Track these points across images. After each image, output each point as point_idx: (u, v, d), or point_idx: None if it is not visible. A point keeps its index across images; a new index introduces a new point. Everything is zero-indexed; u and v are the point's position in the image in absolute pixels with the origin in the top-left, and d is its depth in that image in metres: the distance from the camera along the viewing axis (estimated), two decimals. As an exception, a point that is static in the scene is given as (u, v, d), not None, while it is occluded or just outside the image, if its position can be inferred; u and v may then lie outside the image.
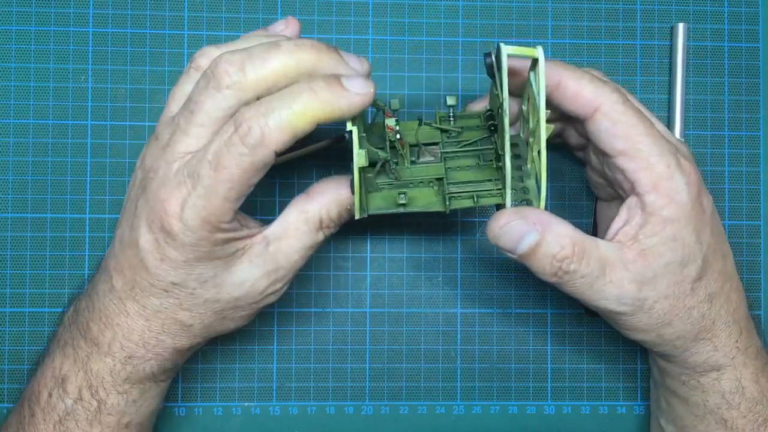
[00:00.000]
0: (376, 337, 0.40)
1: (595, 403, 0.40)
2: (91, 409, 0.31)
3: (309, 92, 0.27)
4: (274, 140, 0.27)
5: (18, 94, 0.39)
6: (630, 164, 0.30)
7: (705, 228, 0.31)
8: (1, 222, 0.39)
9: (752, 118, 0.41)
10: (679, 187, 0.30)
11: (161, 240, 0.28)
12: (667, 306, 0.31)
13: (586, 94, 0.30)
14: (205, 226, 0.28)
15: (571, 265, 0.29)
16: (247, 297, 0.31)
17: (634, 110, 0.30)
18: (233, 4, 0.40)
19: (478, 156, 0.33)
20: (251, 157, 0.27)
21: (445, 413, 0.40)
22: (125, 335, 0.30)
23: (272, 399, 0.40)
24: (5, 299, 0.39)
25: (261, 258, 0.30)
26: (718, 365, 0.33)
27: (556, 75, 0.30)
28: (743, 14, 0.41)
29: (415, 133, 0.33)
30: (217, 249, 0.29)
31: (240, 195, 0.28)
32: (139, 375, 0.31)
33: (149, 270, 0.29)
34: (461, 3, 0.40)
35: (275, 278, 0.31)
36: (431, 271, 0.40)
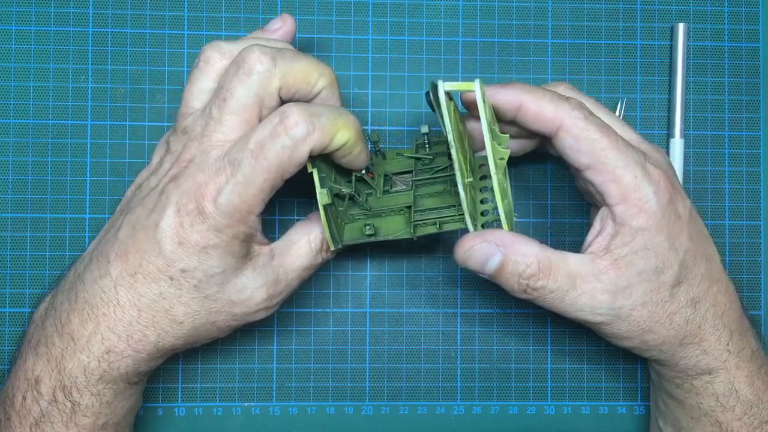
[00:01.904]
0: (376, 337, 0.40)
1: (595, 403, 0.40)
2: (66, 410, 0.30)
3: (350, 118, 0.30)
4: (316, 139, 0.29)
5: (18, 94, 0.39)
6: (597, 177, 0.30)
7: (680, 233, 0.31)
8: (1, 222, 0.39)
9: (752, 118, 0.41)
10: (647, 196, 0.30)
11: (186, 223, 0.29)
12: (645, 313, 0.31)
13: (547, 114, 0.30)
14: (236, 214, 0.29)
15: (539, 281, 0.31)
16: (242, 305, 0.31)
17: (596, 125, 0.30)
18: (233, 4, 0.40)
19: (447, 182, 0.34)
20: (292, 150, 0.28)
21: (445, 413, 0.40)
22: (110, 326, 0.30)
23: (272, 399, 0.40)
24: (5, 299, 0.39)
25: (264, 269, 0.31)
26: (709, 368, 0.33)
27: (516, 98, 0.31)
28: (743, 14, 0.41)
29: (386, 165, 0.35)
30: (236, 243, 0.29)
31: (272, 188, 0.29)
32: (113, 374, 0.30)
33: (163, 253, 0.29)
34: (461, 3, 0.40)
35: (272, 292, 0.32)
36: (431, 271, 0.40)
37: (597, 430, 0.40)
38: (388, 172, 0.35)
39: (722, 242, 0.41)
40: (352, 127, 0.30)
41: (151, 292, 0.30)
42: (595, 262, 0.31)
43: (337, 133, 0.29)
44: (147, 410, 0.39)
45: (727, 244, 0.41)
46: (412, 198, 0.33)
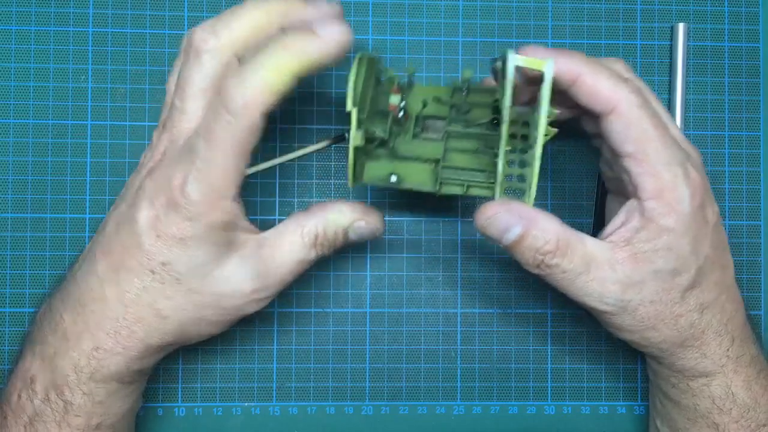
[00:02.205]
0: (376, 337, 0.40)
1: (595, 403, 0.40)
2: (58, 410, 0.30)
3: (281, 48, 0.27)
4: (256, 102, 0.27)
5: (18, 94, 0.39)
6: (636, 168, 0.29)
7: (704, 239, 0.30)
8: (1, 222, 0.39)
9: (752, 118, 0.41)
10: (682, 197, 0.29)
11: (162, 215, 0.29)
12: (652, 310, 0.31)
13: (604, 93, 0.29)
14: (206, 200, 0.28)
15: (554, 259, 0.30)
16: (230, 297, 0.30)
17: (650, 114, 0.29)
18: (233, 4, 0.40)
19: (481, 140, 0.32)
20: (238, 124, 0.27)
21: (445, 413, 0.40)
22: (97, 323, 0.30)
23: (272, 399, 0.40)
24: (5, 299, 0.39)
25: (252, 259, 0.30)
26: (706, 372, 0.32)
27: (574, 70, 0.29)
28: (743, 14, 0.41)
29: (422, 107, 0.33)
30: (215, 231, 0.29)
31: (237, 164, 0.28)
32: (104, 373, 0.30)
33: (143, 247, 0.29)
34: (461, 3, 0.40)
35: (261, 284, 0.31)
36: (431, 271, 0.40)
37: (597, 430, 0.40)
38: (420, 114, 0.32)
39: (722, 242, 0.41)
40: (290, 58, 0.27)
41: (135, 287, 0.29)
42: (614, 251, 0.30)
43: (275, 80, 0.27)
44: (147, 410, 0.39)
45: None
46: (442, 151, 0.32)
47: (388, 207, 0.40)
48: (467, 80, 0.32)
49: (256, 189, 0.40)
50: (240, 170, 0.29)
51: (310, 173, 0.40)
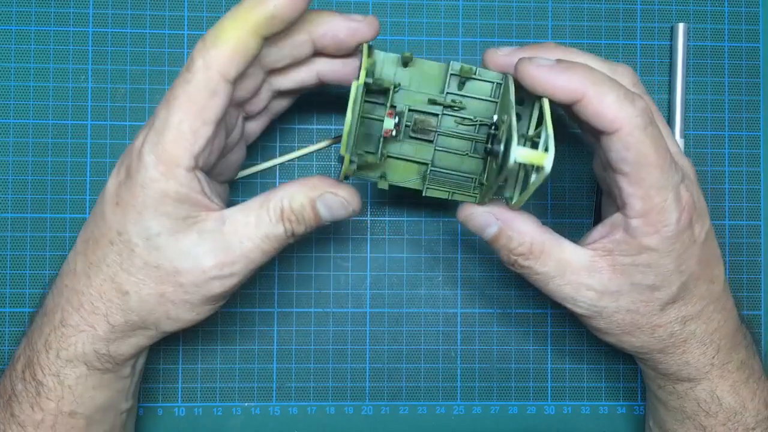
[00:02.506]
0: (376, 337, 0.40)
1: (595, 403, 0.40)
2: (31, 390, 0.30)
3: (236, 6, 0.27)
4: (215, 60, 0.27)
5: (18, 94, 0.39)
6: (628, 188, 0.29)
7: (690, 258, 0.30)
8: (1, 222, 0.39)
9: (752, 118, 0.41)
10: (668, 220, 0.29)
11: (123, 181, 0.28)
12: (629, 318, 0.31)
13: (608, 116, 0.27)
14: (159, 165, 0.27)
15: (527, 261, 0.30)
16: (189, 273, 0.29)
17: (653, 138, 0.28)
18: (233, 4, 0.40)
19: (471, 142, 0.32)
20: (195, 83, 0.27)
21: (445, 413, 0.40)
22: (67, 298, 0.30)
23: (272, 399, 0.40)
24: (5, 299, 0.39)
25: (212, 234, 0.29)
26: (690, 377, 0.32)
27: (579, 89, 0.27)
28: (743, 14, 0.41)
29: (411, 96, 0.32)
30: (168, 202, 0.28)
31: (194, 130, 0.27)
32: (69, 352, 0.30)
33: (105, 216, 0.29)
34: (461, 3, 0.40)
35: (223, 260, 0.29)
36: (431, 271, 0.40)
37: (597, 430, 0.40)
38: (411, 106, 0.32)
39: (722, 242, 0.41)
40: (245, 12, 0.27)
41: (97, 259, 0.29)
42: (593, 259, 0.30)
43: (234, 36, 0.27)
44: (147, 410, 0.39)
45: (727, 244, 0.41)
46: (431, 153, 0.32)
47: (388, 207, 0.40)
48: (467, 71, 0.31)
49: (256, 189, 0.40)
50: (199, 138, 0.27)
51: (310, 173, 0.40)
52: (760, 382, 0.33)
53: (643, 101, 0.28)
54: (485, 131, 0.32)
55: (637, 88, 0.31)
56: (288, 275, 0.40)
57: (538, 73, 0.28)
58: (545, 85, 0.28)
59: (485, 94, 0.32)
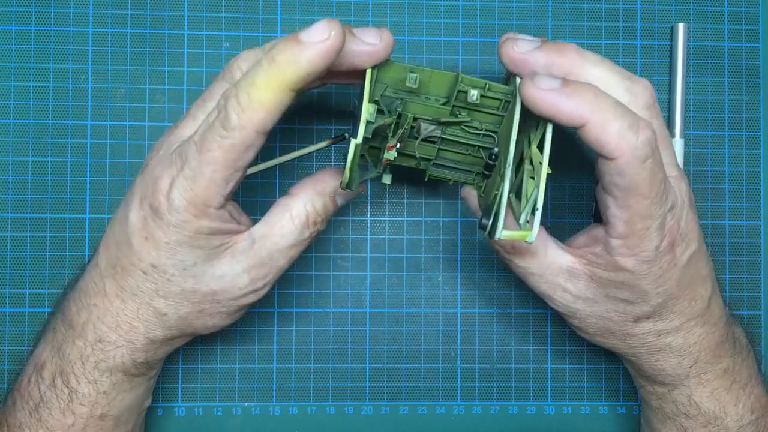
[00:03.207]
0: (376, 337, 0.40)
1: (595, 403, 0.40)
2: (63, 397, 0.30)
3: (268, 61, 0.26)
4: (251, 121, 0.26)
5: (18, 94, 0.39)
6: (614, 210, 0.28)
7: (668, 280, 0.30)
8: (1, 222, 0.39)
9: (752, 118, 0.41)
10: (647, 248, 0.28)
11: (149, 218, 0.28)
12: (601, 323, 0.31)
13: (608, 144, 0.26)
14: (191, 208, 0.27)
15: (508, 254, 0.32)
16: (225, 292, 0.30)
17: (649, 171, 0.27)
18: (233, 4, 0.40)
19: (474, 149, 0.32)
20: (231, 140, 0.27)
21: (445, 413, 0.40)
22: (99, 316, 0.30)
23: (272, 399, 0.40)
24: (5, 299, 0.39)
25: (244, 255, 0.30)
26: (666, 382, 0.32)
27: (583, 116, 0.26)
28: (743, 14, 0.41)
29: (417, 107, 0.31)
30: (201, 238, 0.28)
31: (226, 178, 0.27)
32: (109, 363, 0.30)
33: (133, 247, 0.29)
34: (461, 3, 0.40)
35: (257, 275, 0.30)
36: (431, 271, 0.40)
37: (597, 430, 0.40)
38: (418, 115, 0.31)
39: (722, 242, 0.41)
40: (278, 71, 0.26)
41: (130, 285, 0.29)
42: (573, 265, 0.31)
43: (267, 96, 0.26)
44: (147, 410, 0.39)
45: (727, 244, 0.41)
46: (435, 152, 0.32)
47: (387, 207, 0.40)
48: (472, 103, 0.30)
49: (256, 189, 0.40)
50: (231, 183, 0.28)
51: (310, 173, 0.40)
52: (747, 389, 0.33)
53: (648, 131, 0.27)
54: (490, 140, 0.32)
55: (652, 109, 0.30)
56: (288, 275, 0.40)
57: (542, 96, 0.26)
58: (549, 110, 0.26)
59: (493, 108, 0.31)
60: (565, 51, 0.29)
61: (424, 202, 0.40)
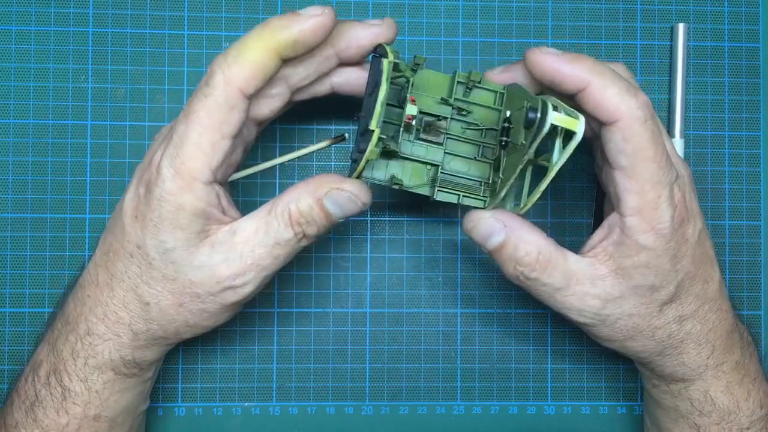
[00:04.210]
0: (376, 337, 0.40)
1: (595, 403, 0.40)
2: (57, 396, 0.30)
3: (261, 26, 0.28)
4: (234, 76, 0.27)
5: (18, 94, 0.39)
6: (624, 183, 0.29)
7: (684, 256, 0.30)
8: (1, 222, 0.39)
9: (752, 118, 0.41)
10: (663, 218, 0.29)
11: (142, 195, 0.29)
12: (630, 323, 0.31)
13: (609, 106, 0.28)
14: (177, 179, 0.28)
15: (533, 273, 0.30)
16: (203, 284, 0.29)
17: (651, 132, 0.28)
18: (233, 4, 0.40)
19: (479, 148, 0.33)
20: (214, 98, 0.27)
21: (445, 413, 0.40)
22: (91, 308, 0.30)
23: (272, 399, 0.40)
24: (5, 299, 0.39)
25: (223, 246, 0.29)
26: (685, 377, 0.33)
27: (584, 79, 0.28)
28: (743, 14, 0.41)
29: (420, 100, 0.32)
30: (183, 215, 0.28)
31: (213, 144, 0.28)
32: (98, 360, 0.30)
33: (124, 229, 0.29)
34: (461, 3, 0.40)
35: (236, 270, 0.29)
36: (431, 271, 0.40)
37: (597, 430, 0.40)
38: (422, 109, 0.32)
39: (722, 242, 0.41)
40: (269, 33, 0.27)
41: (119, 271, 0.30)
42: (595, 267, 0.30)
43: (255, 55, 0.27)
44: (147, 410, 0.39)
45: (727, 244, 0.41)
46: (441, 156, 0.32)
47: (388, 207, 0.40)
48: (473, 81, 0.32)
49: (256, 189, 0.40)
50: (217, 152, 0.28)
51: (310, 173, 0.40)
52: (755, 383, 0.33)
53: (644, 96, 0.29)
54: (491, 135, 0.33)
55: (634, 81, 0.31)
56: (288, 275, 0.40)
57: (546, 60, 0.29)
58: (553, 72, 0.29)
59: (489, 103, 0.32)
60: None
61: (424, 202, 0.40)
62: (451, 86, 0.32)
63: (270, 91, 0.30)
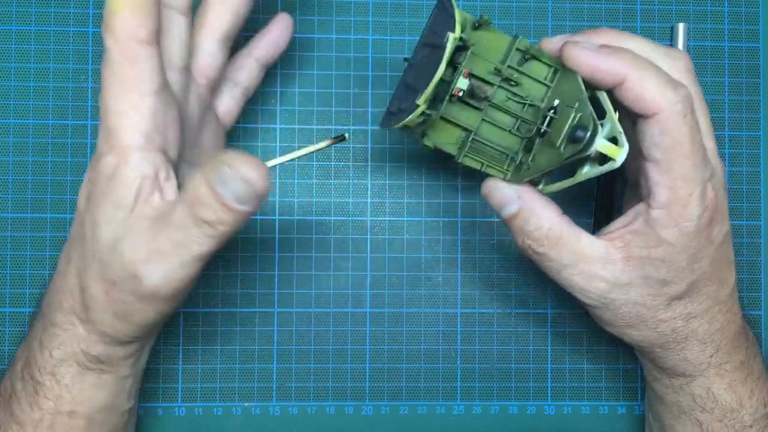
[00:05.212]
0: (376, 337, 0.40)
1: (595, 403, 0.40)
2: (29, 389, 0.30)
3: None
4: (117, 29, 0.26)
5: (18, 94, 0.39)
6: (657, 176, 0.28)
7: (704, 257, 0.30)
8: (1, 222, 0.39)
9: (752, 118, 0.41)
10: (691, 216, 0.29)
11: (89, 177, 0.29)
12: (634, 311, 0.31)
13: (647, 99, 0.28)
14: (112, 151, 0.27)
15: (541, 248, 0.30)
16: (113, 268, 0.27)
17: (690, 126, 0.28)
18: (233, 4, 0.40)
19: (517, 120, 0.32)
20: (112, 58, 0.27)
21: (445, 413, 0.40)
22: (51, 297, 0.30)
23: (272, 399, 0.40)
24: (5, 299, 0.39)
25: (139, 227, 0.27)
26: (686, 373, 0.32)
27: (621, 72, 0.28)
28: (743, 14, 0.41)
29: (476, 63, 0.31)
30: (114, 189, 0.27)
31: (132, 106, 0.27)
32: (61, 351, 0.30)
33: (78, 209, 0.30)
34: (461, 3, 0.40)
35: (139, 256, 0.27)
36: (431, 271, 0.40)
37: (597, 430, 0.40)
38: (473, 71, 0.31)
39: (722, 242, 0.41)
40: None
41: (69, 253, 0.30)
42: (608, 250, 0.30)
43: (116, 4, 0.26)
44: (147, 410, 0.39)
45: (727, 244, 0.41)
46: (478, 121, 0.32)
47: (388, 207, 0.40)
48: (532, 54, 0.31)
49: (256, 189, 0.40)
50: (142, 112, 0.27)
51: (310, 173, 0.40)
52: (759, 382, 0.33)
53: (685, 89, 0.28)
54: (532, 112, 0.31)
55: (691, 73, 0.31)
56: (288, 275, 0.40)
57: (582, 54, 0.28)
58: (589, 67, 0.28)
59: (541, 77, 0.31)
60: (601, 31, 0.31)
61: (425, 202, 0.40)
62: (508, 52, 0.31)
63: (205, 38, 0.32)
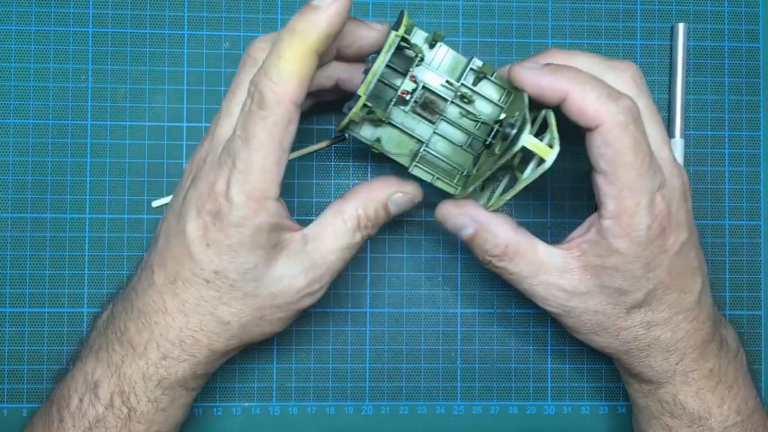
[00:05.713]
0: (376, 337, 0.40)
1: (595, 403, 0.40)
2: (121, 416, 0.31)
3: (288, 33, 0.28)
4: (285, 92, 0.27)
5: (18, 94, 0.39)
6: (604, 187, 0.29)
7: (659, 266, 0.30)
8: (1, 222, 0.39)
9: (752, 118, 0.41)
10: (639, 225, 0.29)
11: (209, 223, 0.29)
12: (595, 320, 0.32)
13: (589, 112, 0.28)
14: (251, 203, 0.28)
15: (501, 262, 0.32)
16: (284, 295, 0.31)
17: (632, 138, 0.28)
18: (233, 4, 0.40)
19: (469, 138, 0.33)
20: (272, 118, 0.28)
21: (445, 413, 0.40)
22: (162, 333, 0.30)
23: (272, 399, 0.40)
24: (5, 299, 0.39)
25: (298, 256, 0.30)
26: (652, 380, 0.33)
27: (563, 88, 0.29)
28: (743, 14, 0.41)
29: (429, 75, 0.33)
30: (261, 235, 0.29)
31: (277, 161, 0.28)
32: (171, 380, 0.31)
33: (194, 257, 0.29)
34: (461, 3, 0.40)
35: (312, 278, 0.31)
36: (431, 271, 0.40)
37: (597, 430, 0.40)
38: (427, 84, 0.32)
39: (722, 242, 0.41)
40: (300, 39, 0.27)
41: (192, 297, 0.30)
42: (566, 259, 0.31)
43: (295, 66, 0.27)
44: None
45: (727, 244, 0.41)
46: (430, 134, 0.33)
47: (388, 207, 0.40)
48: (484, 73, 0.32)
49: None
50: (281, 167, 0.29)
51: (310, 173, 0.40)
52: (733, 390, 0.33)
53: (628, 100, 0.29)
54: (485, 130, 0.33)
55: (638, 83, 0.31)
56: (288, 275, 0.40)
57: (528, 74, 0.29)
58: (534, 86, 0.29)
59: (495, 98, 0.33)
60: (548, 52, 0.32)
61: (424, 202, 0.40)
62: (463, 70, 0.32)
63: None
